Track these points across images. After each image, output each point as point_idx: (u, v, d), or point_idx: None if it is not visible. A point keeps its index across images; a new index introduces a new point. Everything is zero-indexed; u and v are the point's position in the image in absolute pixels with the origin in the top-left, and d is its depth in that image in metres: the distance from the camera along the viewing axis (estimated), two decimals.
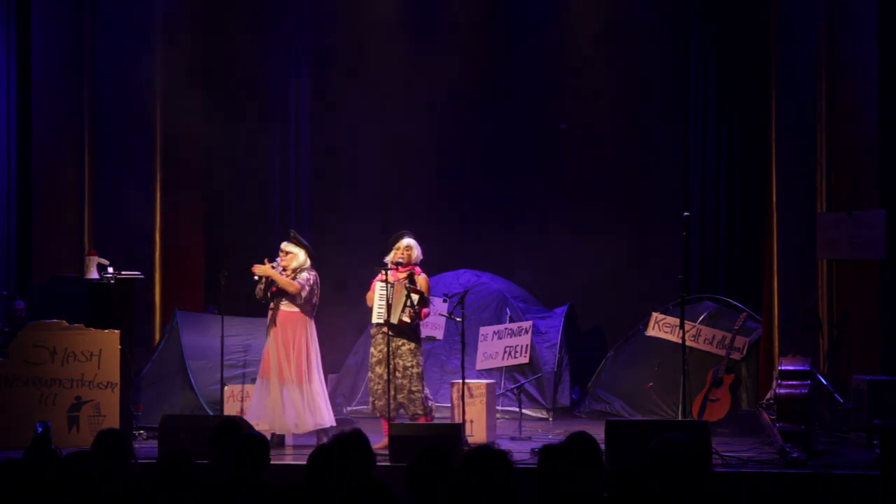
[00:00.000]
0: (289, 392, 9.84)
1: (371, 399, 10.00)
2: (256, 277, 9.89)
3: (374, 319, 9.87)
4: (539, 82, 13.62)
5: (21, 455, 7.06)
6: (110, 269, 10.55)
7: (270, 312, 9.94)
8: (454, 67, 13.32)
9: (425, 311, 9.99)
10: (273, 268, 9.88)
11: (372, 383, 9.93)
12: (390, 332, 9.79)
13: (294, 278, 9.88)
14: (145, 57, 12.40)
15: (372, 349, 9.94)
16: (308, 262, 10.00)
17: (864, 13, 10.64)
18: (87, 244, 11.97)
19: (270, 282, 9.90)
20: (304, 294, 9.84)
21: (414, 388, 9.83)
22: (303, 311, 9.90)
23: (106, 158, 12.36)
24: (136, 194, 12.41)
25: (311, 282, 9.92)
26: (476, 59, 13.44)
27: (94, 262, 10.60)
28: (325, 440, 9.69)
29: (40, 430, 8.81)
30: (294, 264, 9.95)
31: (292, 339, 9.85)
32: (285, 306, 9.88)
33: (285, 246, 10.01)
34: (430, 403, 10.00)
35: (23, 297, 11.27)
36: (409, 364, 9.85)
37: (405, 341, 9.87)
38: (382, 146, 13.41)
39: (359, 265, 11.22)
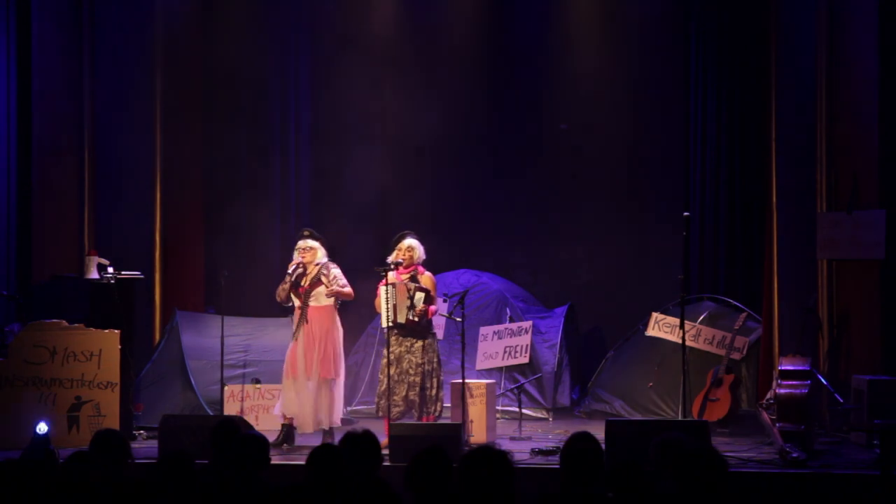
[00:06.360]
0: (314, 387, 9.88)
1: (377, 399, 10.10)
2: (295, 270, 9.90)
3: (383, 323, 9.95)
4: (539, 82, 13.62)
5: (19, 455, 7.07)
6: (110, 269, 10.55)
7: (298, 311, 9.96)
8: (453, 67, 13.32)
9: (432, 308, 10.04)
10: (296, 268, 9.94)
11: (381, 384, 10.01)
12: (400, 333, 9.91)
13: (319, 277, 9.94)
14: (145, 57, 12.39)
15: (385, 350, 10.00)
16: (325, 254, 10.07)
17: (864, 13, 10.63)
18: (87, 244, 11.95)
19: (297, 282, 9.94)
20: (351, 292, 10.02)
21: (427, 385, 9.89)
22: (334, 304, 10.00)
23: (106, 158, 12.35)
24: (136, 194, 12.40)
25: (343, 276, 10.05)
26: (475, 58, 13.44)
27: (94, 262, 10.59)
28: (330, 440, 9.73)
29: (39, 430, 8.82)
30: (315, 259, 10.02)
31: (324, 335, 9.90)
32: (314, 302, 9.94)
33: (304, 243, 10.05)
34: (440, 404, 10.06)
35: (23, 297, 11.27)
36: (421, 361, 9.91)
37: (417, 339, 9.95)
38: (383, 147, 13.40)
39: (359, 266, 11.22)
